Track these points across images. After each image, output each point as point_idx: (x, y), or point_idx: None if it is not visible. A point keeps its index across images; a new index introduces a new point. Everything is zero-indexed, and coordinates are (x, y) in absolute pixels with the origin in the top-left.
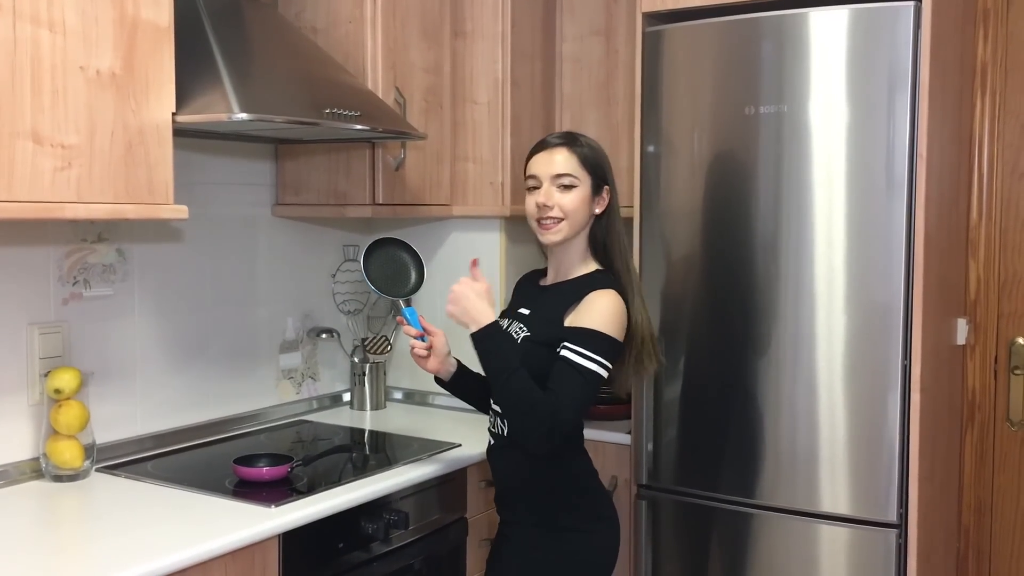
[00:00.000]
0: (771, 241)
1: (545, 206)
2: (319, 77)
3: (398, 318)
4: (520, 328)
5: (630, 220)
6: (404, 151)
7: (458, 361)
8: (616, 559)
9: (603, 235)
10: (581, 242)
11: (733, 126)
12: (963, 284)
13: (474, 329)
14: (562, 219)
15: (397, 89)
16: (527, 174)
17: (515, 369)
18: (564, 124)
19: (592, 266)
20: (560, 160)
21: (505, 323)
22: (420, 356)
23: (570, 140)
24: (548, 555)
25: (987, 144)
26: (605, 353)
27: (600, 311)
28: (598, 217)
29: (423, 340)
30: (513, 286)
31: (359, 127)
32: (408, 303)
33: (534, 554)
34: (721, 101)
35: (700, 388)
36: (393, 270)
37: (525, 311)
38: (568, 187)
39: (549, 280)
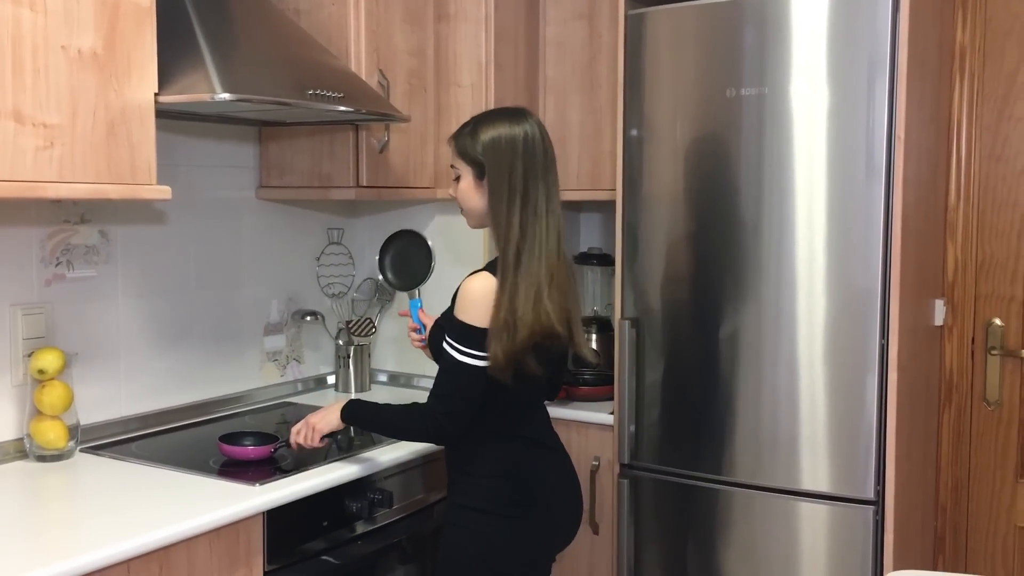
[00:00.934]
0: (753, 223)
1: (451, 197)
2: (302, 58)
3: (401, 311)
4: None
5: (612, 203)
6: (388, 134)
7: None
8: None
9: (492, 220)
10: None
11: (715, 109)
12: (941, 266)
13: (338, 424)
14: (463, 208)
15: (380, 71)
16: None
17: (380, 411)
18: (547, 108)
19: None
20: (449, 152)
21: None
22: (417, 347)
23: (458, 131)
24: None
25: (965, 127)
26: (460, 339)
27: (460, 297)
28: (489, 201)
29: (420, 332)
30: None
31: (342, 108)
32: (413, 295)
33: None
34: (703, 84)
35: (682, 369)
36: (403, 263)
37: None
38: (457, 178)
39: None
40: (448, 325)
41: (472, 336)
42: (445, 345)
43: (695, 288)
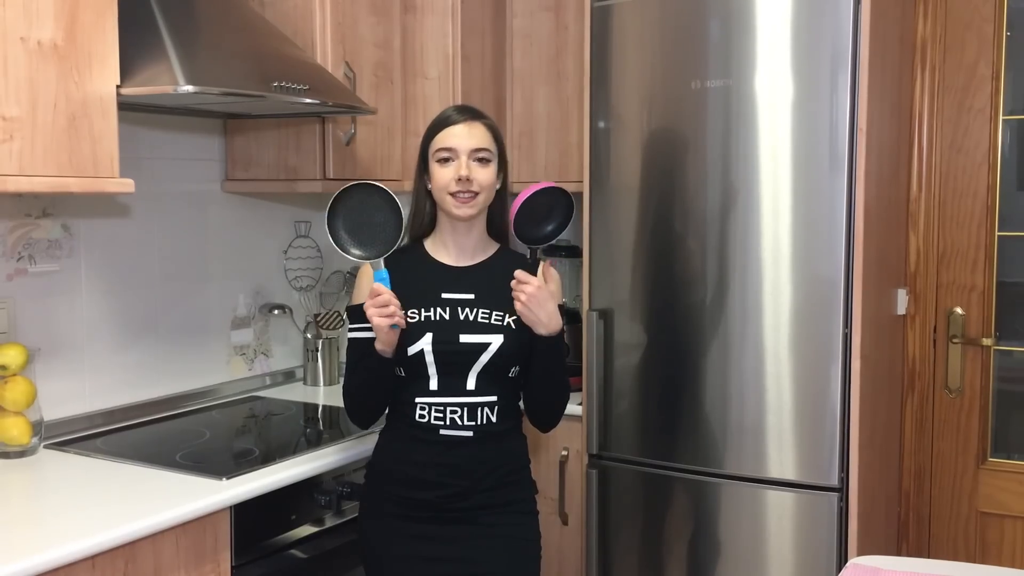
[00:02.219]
0: (719, 215)
1: (467, 179)
2: (267, 50)
3: (375, 288)
4: (491, 313)
5: (579, 195)
6: (354, 126)
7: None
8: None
9: (499, 212)
10: (484, 218)
11: (680, 101)
12: (903, 256)
13: (545, 333)
14: (478, 193)
15: (347, 63)
16: (439, 146)
17: (566, 365)
18: (515, 99)
19: (495, 243)
20: (478, 134)
21: (432, 312)
22: (382, 326)
23: (480, 115)
24: (532, 537)
25: (926, 119)
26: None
27: (559, 285)
28: (498, 193)
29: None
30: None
31: (308, 101)
32: (379, 265)
33: (523, 535)
34: (669, 76)
35: (650, 359)
36: (361, 224)
37: (465, 295)
38: (485, 161)
39: (456, 260)
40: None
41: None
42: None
43: (662, 279)
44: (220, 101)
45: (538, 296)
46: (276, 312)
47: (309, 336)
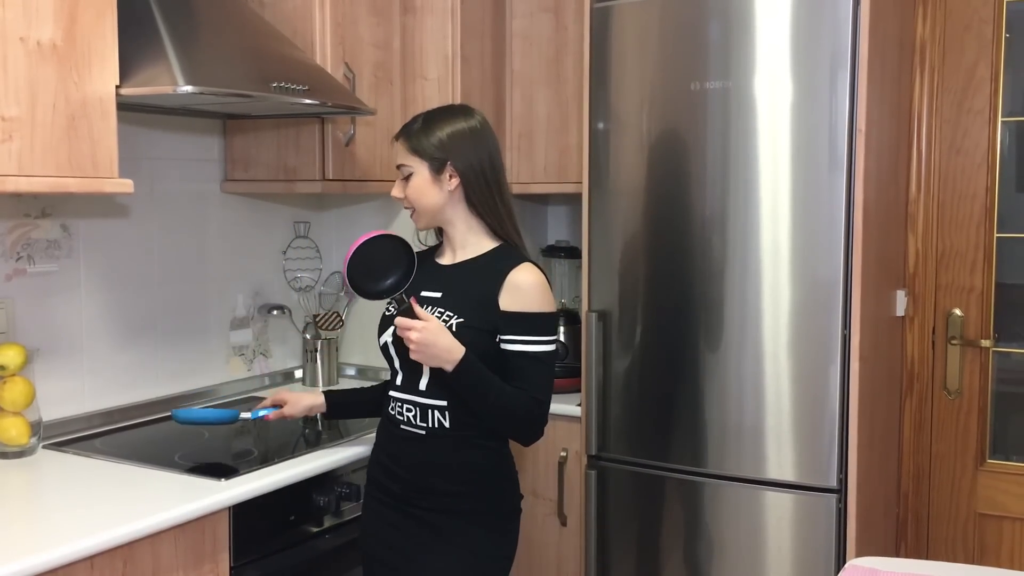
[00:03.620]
0: (718, 216)
1: (397, 198)
2: (266, 51)
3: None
4: (443, 312)
5: (579, 196)
6: (354, 127)
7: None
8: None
9: (481, 210)
10: (465, 220)
11: (680, 102)
12: (902, 257)
13: (451, 368)
14: (414, 209)
15: (346, 64)
16: None
17: (498, 387)
18: (514, 101)
19: (493, 241)
20: (397, 151)
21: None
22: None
23: (405, 129)
24: (494, 554)
25: (925, 120)
26: (551, 330)
27: (531, 289)
28: (467, 193)
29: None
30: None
31: (308, 101)
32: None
33: (480, 551)
34: (668, 77)
35: (649, 361)
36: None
37: (434, 293)
38: (408, 176)
39: (447, 259)
40: (518, 322)
41: (551, 323)
42: (523, 346)
43: (662, 280)
44: (219, 101)
45: (425, 338)
46: (275, 312)
47: (308, 337)
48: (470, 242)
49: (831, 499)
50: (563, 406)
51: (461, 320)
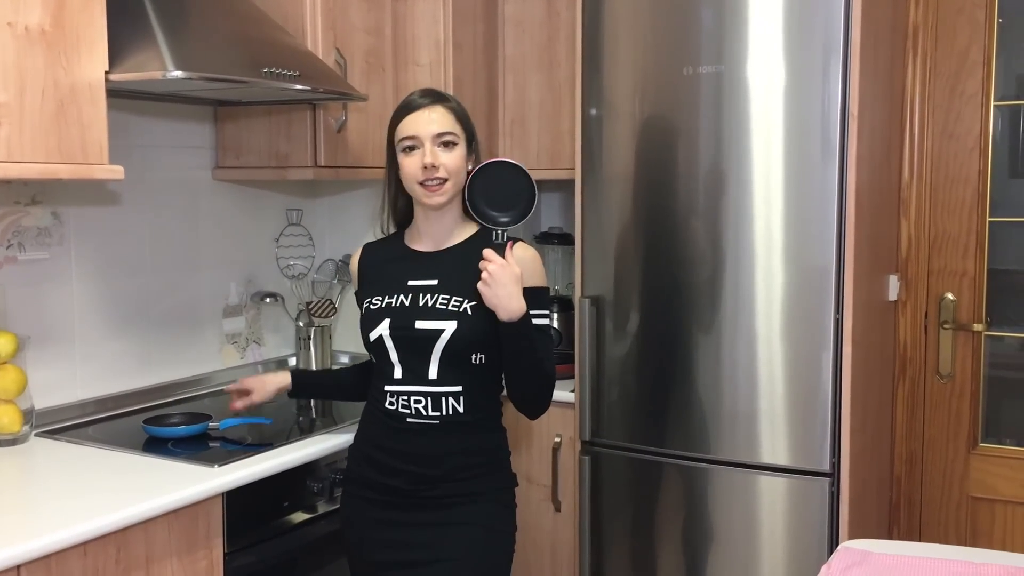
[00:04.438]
0: (711, 202)
1: (433, 166)
2: (257, 37)
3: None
4: (450, 299)
5: (571, 182)
6: (346, 113)
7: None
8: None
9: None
10: (459, 204)
11: (673, 87)
12: (895, 242)
13: (506, 318)
14: (446, 179)
15: (337, 50)
16: (402, 135)
17: (540, 347)
18: (507, 86)
19: (473, 225)
20: (438, 118)
21: (394, 298)
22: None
23: (441, 97)
24: (502, 528)
25: (918, 105)
26: (550, 304)
27: (533, 263)
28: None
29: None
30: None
31: (298, 87)
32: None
33: (493, 525)
34: (661, 62)
35: (642, 347)
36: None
37: (429, 281)
38: (450, 144)
39: (427, 247)
40: (527, 297)
41: (549, 297)
42: (541, 319)
43: (655, 266)
44: (210, 87)
45: (500, 276)
46: (268, 300)
47: (301, 324)
48: (455, 226)
49: (824, 483)
50: (557, 392)
51: (474, 303)
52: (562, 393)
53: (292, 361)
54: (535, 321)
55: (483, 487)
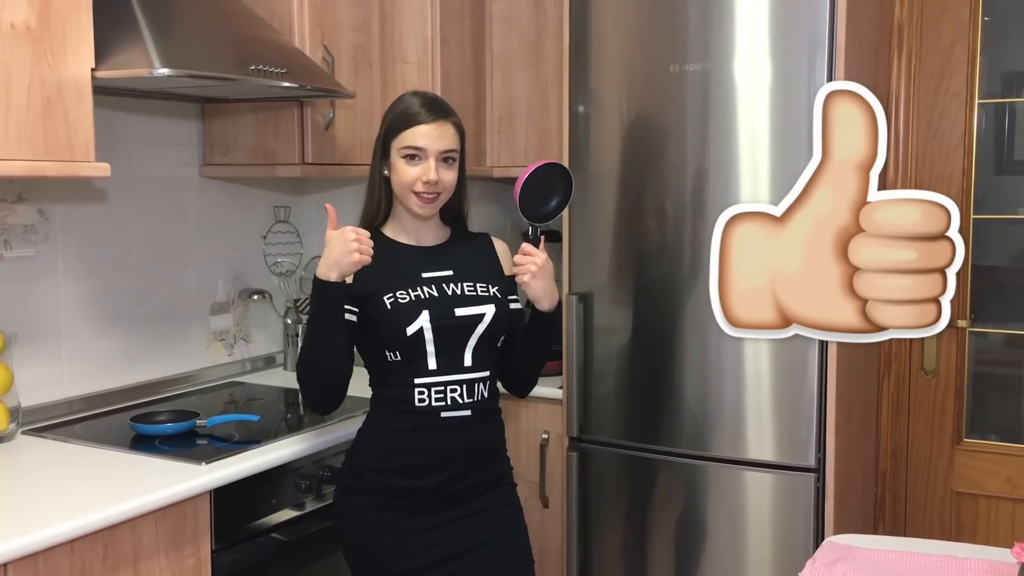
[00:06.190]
0: (698, 198)
1: (435, 182)
2: (244, 33)
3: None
4: (475, 285)
5: None
6: (333, 110)
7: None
8: None
9: (456, 201)
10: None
11: (660, 84)
12: None
13: (548, 307)
14: (440, 194)
15: (325, 47)
16: (407, 143)
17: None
18: (494, 83)
19: (447, 227)
20: (449, 136)
21: (421, 291)
22: (352, 261)
23: (448, 111)
24: (518, 504)
25: (903, 103)
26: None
27: (510, 256)
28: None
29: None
30: None
31: (286, 84)
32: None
33: (516, 504)
34: (648, 59)
35: (630, 343)
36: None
37: (444, 272)
38: (450, 161)
39: (420, 243)
40: (516, 284)
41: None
42: (518, 303)
43: (642, 262)
44: (197, 84)
45: (545, 269)
46: (256, 297)
47: (289, 321)
48: (439, 227)
49: (809, 478)
50: (544, 388)
51: (496, 288)
52: (549, 389)
53: (280, 359)
54: (520, 307)
55: (503, 470)
